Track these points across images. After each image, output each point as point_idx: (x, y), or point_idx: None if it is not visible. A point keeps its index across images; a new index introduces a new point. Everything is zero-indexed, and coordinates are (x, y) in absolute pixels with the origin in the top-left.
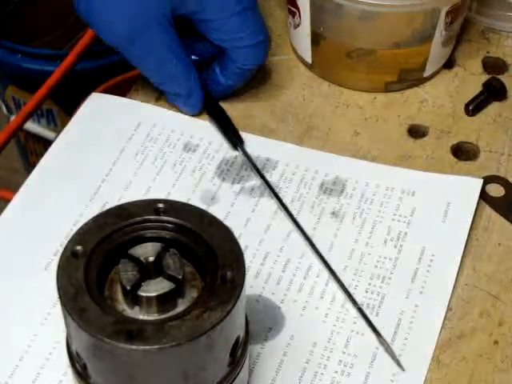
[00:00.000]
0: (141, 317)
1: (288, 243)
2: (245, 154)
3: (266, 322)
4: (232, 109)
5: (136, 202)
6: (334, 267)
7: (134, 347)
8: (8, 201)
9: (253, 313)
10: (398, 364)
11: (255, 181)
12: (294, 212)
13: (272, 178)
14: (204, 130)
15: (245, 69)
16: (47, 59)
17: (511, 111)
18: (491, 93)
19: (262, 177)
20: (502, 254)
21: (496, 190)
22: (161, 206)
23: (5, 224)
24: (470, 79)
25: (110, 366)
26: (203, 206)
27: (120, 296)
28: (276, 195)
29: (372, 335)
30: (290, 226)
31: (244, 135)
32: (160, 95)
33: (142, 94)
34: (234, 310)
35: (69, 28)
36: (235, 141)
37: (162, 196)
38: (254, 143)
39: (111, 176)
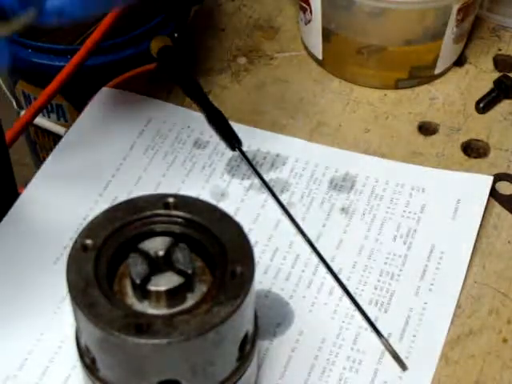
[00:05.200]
0: (150, 311)
1: (297, 239)
2: (243, 154)
3: (274, 318)
4: (242, 104)
5: (146, 196)
6: (343, 263)
7: (142, 341)
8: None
9: (262, 308)
10: (401, 364)
11: (265, 177)
12: (303, 208)
13: (282, 173)
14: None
15: None
16: (57, 54)
17: None
18: (502, 90)
19: (261, 177)
20: None
21: (506, 188)
22: (171, 200)
23: (14, 218)
24: (481, 77)
25: (119, 359)
26: (213, 202)
27: (129, 290)
28: (274, 195)
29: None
30: (301, 222)
31: (254, 131)
32: (171, 90)
33: (153, 89)
34: (243, 305)
35: (79, 23)
36: (233, 142)
37: (172, 192)
38: (264, 139)
39: (121, 171)
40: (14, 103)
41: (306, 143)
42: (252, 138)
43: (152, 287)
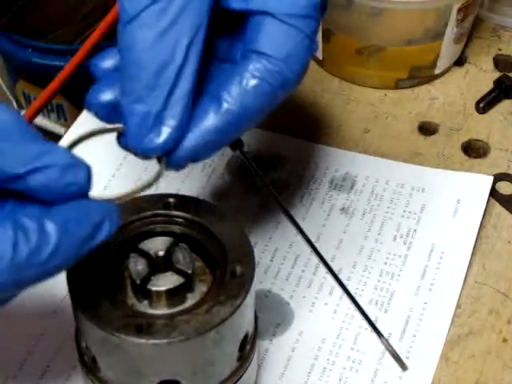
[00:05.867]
0: (150, 311)
1: (297, 239)
2: (243, 154)
3: (274, 318)
4: None
5: (146, 196)
6: (343, 263)
7: (143, 341)
8: None
9: (262, 308)
10: (401, 364)
11: (264, 177)
12: (303, 208)
13: (282, 174)
14: None
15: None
16: (58, 54)
17: None
18: (502, 90)
19: (261, 177)
20: None
21: (506, 188)
22: (171, 200)
23: None
24: (481, 76)
25: (119, 359)
26: (213, 202)
27: (129, 290)
28: (274, 195)
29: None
30: (301, 222)
31: (254, 131)
32: None
33: None
34: (243, 305)
35: (79, 22)
36: (233, 142)
37: (172, 192)
38: (264, 139)
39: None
40: (14, 103)
41: (306, 143)
42: (252, 138)
43: (152, 287)
